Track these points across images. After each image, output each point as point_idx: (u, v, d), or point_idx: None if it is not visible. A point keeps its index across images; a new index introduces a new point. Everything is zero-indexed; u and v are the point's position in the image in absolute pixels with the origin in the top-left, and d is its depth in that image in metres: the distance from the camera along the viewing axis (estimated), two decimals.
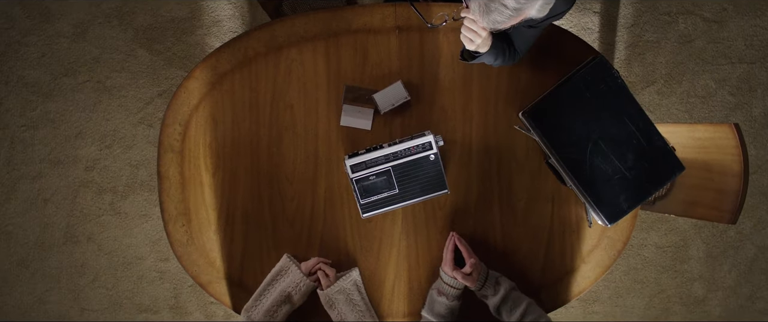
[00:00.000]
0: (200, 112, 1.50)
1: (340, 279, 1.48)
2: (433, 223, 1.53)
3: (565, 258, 1.55)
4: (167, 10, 2.20)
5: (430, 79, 1.50)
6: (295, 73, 1.50)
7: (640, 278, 2.41)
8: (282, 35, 1.49)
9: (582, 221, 1.54)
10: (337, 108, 1.50)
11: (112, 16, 2.19)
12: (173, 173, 1.50)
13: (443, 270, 1.45)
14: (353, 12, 1.48)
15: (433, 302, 1.46)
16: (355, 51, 1.49)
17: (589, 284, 1.56)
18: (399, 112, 1.50)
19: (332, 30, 1.49)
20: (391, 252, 1.53)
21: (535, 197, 1.53)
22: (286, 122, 1.50)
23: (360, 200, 1.43)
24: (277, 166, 1.51)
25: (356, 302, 1.49)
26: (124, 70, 2.22)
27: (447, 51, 1.49)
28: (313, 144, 1.51)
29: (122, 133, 2.25)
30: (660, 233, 2.39)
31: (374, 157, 1.40)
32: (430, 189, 1.44)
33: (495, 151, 1.52)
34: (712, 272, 2.43)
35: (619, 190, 1.43)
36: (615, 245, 1.55)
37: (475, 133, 1.51)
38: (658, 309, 2.44)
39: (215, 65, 1.49)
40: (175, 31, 2.21)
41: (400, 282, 1.54)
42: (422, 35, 1.49)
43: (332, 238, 1.53)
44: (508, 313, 1.40)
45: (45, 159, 2.25)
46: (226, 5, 2.21)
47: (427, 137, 1.40)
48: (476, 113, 1.51)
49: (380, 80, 1.50)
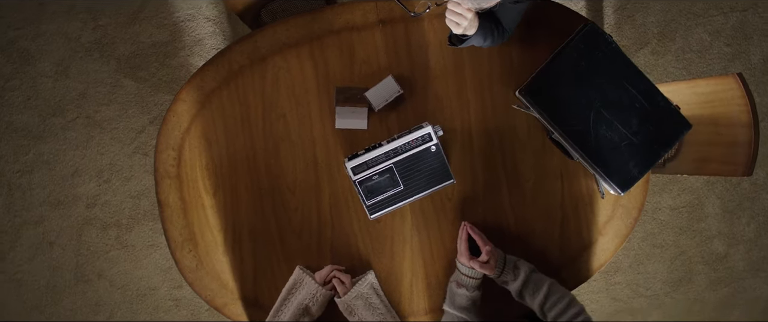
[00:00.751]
0: (192, 134, 1.47)
1: (356, 284, 1.45)
2: (443, 215, 1.50)
3: (582, 233, 1.51)
4: (147, 36, 2.17)
5: (420, 69, 1.47)
6: (283, 82, 1.46)
7: (658, 242, 2.38)
8: (264, 45, 1.45)
9: (594, 194, 1.50)
10: (330, 111, 1.47)
11: (92, 50, 2.16)
12: (173, 199, 1.47)
13: (460, 261, 1.42)
14: (333, 12, 1.45)
15: (454, 295, 1.43)
16: (340, 51, 1.46)
17: (609, 256, 1.53)
18: (393, 107, 1.47)
19: (315, 33, 1.45)
20: (405, 250, 1.50)
21: (543, 175, 1.49)
22: (280, 133, 1.47)
23: (366, 201, 1.40)
24: (277, 178, 1.48)
25: (376, 305, 1.46)
26: (112, 102, 2.19)
27: (434, 39, 1.46)
28: (311, 151, 1.48)
29: (119, 165, 2.22)
30: (673, 194, 2.35)
31: (374, 157, 1.37)
32: (435, 181, 1.40)
33: (496, 134, 1.48)
34: (730, 227, 2.39)
35: (627, 156, 1.39)
36: (630, 213, 1.51)
37: (473, 118, 1.48)
38: (680, 271, 2.40)
39: (201, 84, 1.46)
40: (157, 56, 2.18)
41: (417, 279, 1.51)
42: (407, 26, 1.45)
43: (343, 244, 1.50)
44: (531, 297, 1.37)
45: (45, 202, 2.22)
46: (206, 23, 2.18)
47: (426, 129, 1.37)
48: (472, 98, 1.47)
49: (370, 77, 1.46)
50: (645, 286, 2.40)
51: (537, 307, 1.36)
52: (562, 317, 1.33)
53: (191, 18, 2.16)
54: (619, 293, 2.40)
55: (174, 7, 2.15)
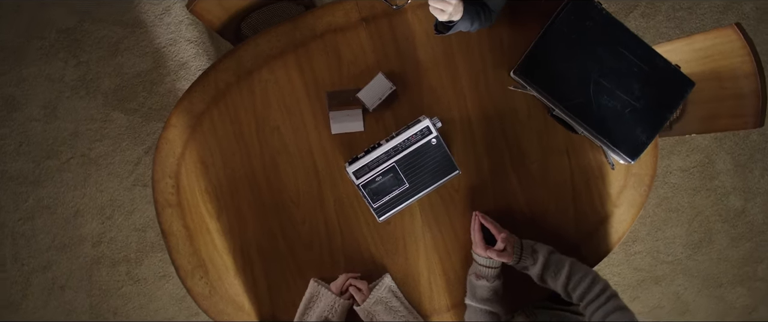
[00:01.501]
0: (187, 160, 1.43)
1: (374, 290, 1.41)
2: (452, 208, 1.46)
3: (596, 207, 1.47)
4: (130, 67, 2.13)
5: (410, 62, 1.43)
6: (273, 94, 1.43)
7: (673, 206, 2.34)
8: (248, 59, 1.42)
9: (603, 166, 1.46)
10: (324, 118, 1.43)
11: (77, 87, 2.13)
12: (177, 227, 1.44)
13: (476, 253, 1.38)
14: (314, 16, 1.41)
15: (474, 287, 1.39)
16: (326, 55, 1.42)
17: (627, 226, 1.49)
18: (388, 104, 1.43)
19: (298, 40, 1.42)
20: (418, 248, 1.46)
21: (549, 154, 1.46)
22: (276, 146, 1.44)
23: (372, 204, 1.36)
24: (279, 192, 1.44)
25: (396, 308, 1.43)
26: (105, 138, 2.16)
27: (420, 29, 1.42)
28: (310, 160, 1.44)
29: (119, 200, 2.19)
30: (681, 155, 2.31)
31: (375, 157, 1.33)
32: (440, 174, 1.37)
33: (496, 118, 1.45)
34: (744, 181, 2.34)
35: (633, 123, 1.35)
36: (643, 180, 1.48)
37: (470, 105, 1.44)
38: (700, 232, 2.36)
39: (189, 108, 1.42)
40: (144, 85, 2.15)
41: (435, 276, 1.47)
42: (391, 20, 1.42)
43: (354, 250, 1.46)
44: (553, 279, 1.33)
45: (50, 246, 2.20)
46: (188, 46, 2.14)
47: (424, 122, 1.33)
48: (467, 85, 1.44)
49: (360, 78, 1.43)
50: (666, 252, 2.36)
51: (560, 288, 1.33)
52: (588, 295, 1.29)
53: (172, 42, 2.13)
54: (640, 262, 2.36)
55: (154, 34, 2.12)
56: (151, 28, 2.12)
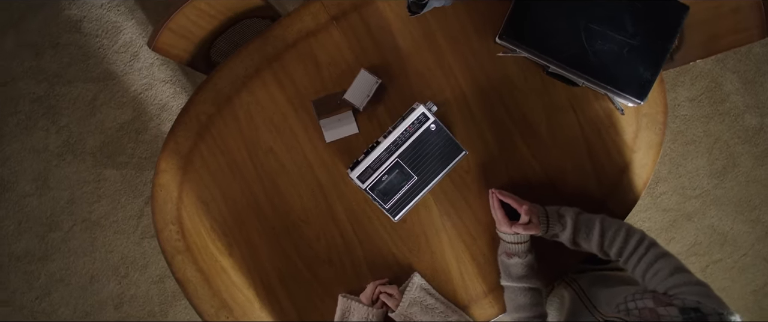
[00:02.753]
0: (186, 202, 1.38)
1: (405, 292, 1.35)
2: (467, 190, 1.39)
3: (613, 157, 1.40)
4: (112, 121, 2.08)
5: (391, 52, 1.36)
6: (258, 115, 1.37)
7: (689, 138, 2.26)
8: (225, 85, 1.36)
9: (612, 113, 1.39)
10: (315, 128, 1.37)
11: (64, 153, 2.08)
12: (191, 273, 1.38)
13: (501, 231, 1.32)
14: (282, 26, 1.35)
15: (507, 267, 1.33)
16: (303, 63, 1.36)
17: (650, 170, 1.42)
18: (378, 100, 1.37)
19: (271, 54, 1.36)
20: (441, 240, 1.40)
21: (554, 113, 1.39)
22: (273, 168, 1.38)
23: (384, 205, 1.30)
24: (287, 214, 1.38)
25: (433, 306, 1.36)
26: (102, 198, 2.11)
27: (393, 16, 1.35)
28: (311, 175, 1.38)
29: (131, 256, 2.14)
30: (686, 86, 2.23)
31: (377, 157, 1.27)
32: (447, 159, 1.30)
33: (491, 89, 1.38)
34: (756, 97, 2.26)
35: (634, 62, 1.28)
36: (656, 118, 1.40)
37: (463, 82, 1.37)
38: (722, 159, 2.28)
39: (176, 149, 1.37)
40: (129, 137, 2.09)
41: (464, 265, 1.41)
42: (361, 13, 1.35)
43: (376, 256, 1.40)
44: (586, 240, 1.27)
45: (72, 318, 2.15)
46: (164, 86, 2.09)
47: (419, 109, 1.27)
48: (454, 62, 1.37)
49: (343, 79, 1.37)
50: (691, 186, 2.28)
51: (595, 248, 1.26)
52: (626, 250, 1.23)
53: (148, 87, 2.07)
54: (667, 203, 2.29)
55: (127, 82, 2.06)
56: (124, 77, 2.07)
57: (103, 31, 2.04)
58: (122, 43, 2.04)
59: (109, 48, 2.04)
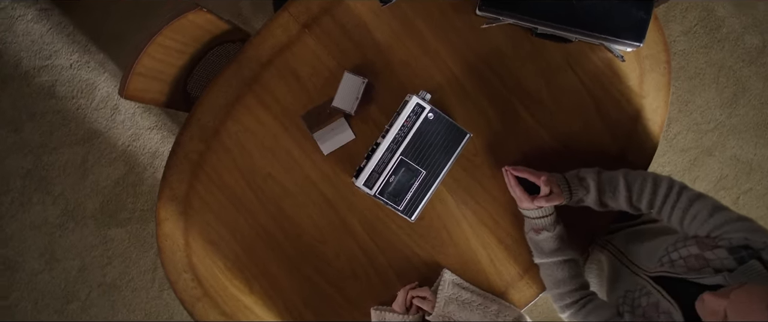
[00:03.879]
0: (194, 247, 1.32)
1: (438, 292, 1.29)
2: (479, 173, 1.33)
3: (623, 107, 1.33)
4: (105, 179, 2.03)
5: (371, 48, 1.30)
6: (249, 142, 1.31)
7: (692, 72, 2.18)
8: (209, 118, 1.30)
9: (612, 62, 1.32)
10: (310, 143, 1.31)
11: (65, 223, 2.03)
12: (215, 317, 1.32)
13: (523, 208, 1.25)
14: (254, 46, 1.29)
15: (538, 243, 1.26)
16: (283, 79, 1.30)
17: (663, 113, 1.35)
18: (368, 100, 1.30)
19: (248, 77, 1.30)
20: (463, 230, 1.33)
21: (552, 76, 1.32)
22: (276, 193, 1.31)
23: (397, 207, 1.23)
24: (299, 237, 1.32)
25: (469, 300, 1.30)
26: (113, 259, 2.06)
27: (365, 10, 1.29)
28: (316, 192, 1.32)
29: (154, 311, 2.08)
30: (678, 19, 2.15)
31: (379, 159, 1.21)
32: (452, 146, 1.24)
33: (482, 64, 1.31)
34: (752, 17, 2.18)
35: (625, 5, 1.21)
36: (658, 58, 1.33)
37: (451, 63, 1.31)
38: (730, 86, 2.19)
39: (172, 195, 1.31)
40: (127, 192, 2.04)
41: (492, 250, 1.34)
42: (332, 15, 1.29)
43: (401, 261, 1.33)
44: (613, 199, 1.20)
45: None
46: (151, 134, 2.03)
47: (412, 101, 1.20)
48: (438, 45, 1.30)
49: (327, 86, 1.30)
50: (705, 121, 2.20)
51: (625, 205, 1.20)
52: (657, 200, 1.16)
53: (135, 137, 2.02)
54: (684, 142, 2.21)
55: (113, 137, 2.01)
56: (109, 133, 2.01)
57: (78, 91, 1.99)
58: (99, 98, 1.99)
59: (88, 107, 1.99)
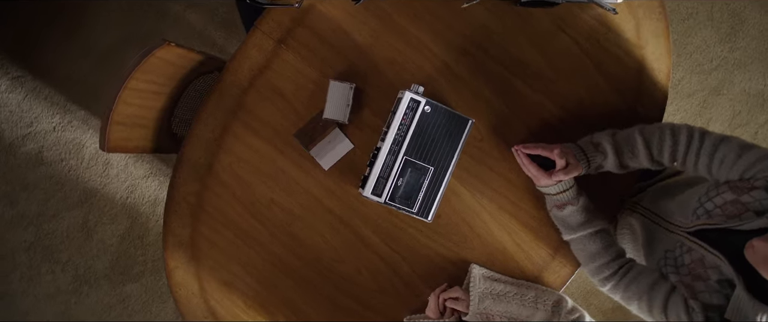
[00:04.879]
0: (210, 290, 1.26)
1: (470, 289, 1.22)
2: (489, 158, 1.26)
3: (624, 61, 1.27)
4: (111, 237, 1.97)
5: (352, 51, 1.24)
6: (245, 172, 1.25)
7: (683, 14, 2.11)
8: (199, 156, 1.24)
9: (604, 17, 1.26)
10: (309, 161, 1.25)
11: (78, 288, 1.98)
12: None
13: (542, 186, 1.19)
14: (231, 72, 1.23)
15: (564, 219, 1.19)
16: (268, 100, 1.24)
17: (667, 60, 1.28)
18: (359, 105, 1.24)
19: (231, 105, 1.24)
20: (484, 220, 1.27)
21: (544, 43, 1.25)
22: (282, 219, 1.25)
23: (410, 210, 1.17)
24: (317, 260, 1.26)
25: (504, 291, 1.23)
26: (133, 315, 2.00)
27: (338, 13, 1.23)
28: (324, 210, 1.25)
29: None
30: None
31: (383, 164, 1.14)
32: (456, 136, 1.17)
33: (470, 45, 1.25)
34: None
35: None
36: (651, 4, 1.27)
37: (438, 50, 1.24)
38: (726, 21, 2.11)
39: (177, 241, 1.25)
40: (135, 246, 1.98)
41: (517, 235, 1.28)
42: (305, 24, 1.23)
43: (425, 265, 1.27)
44: (632, 159, 1.14)
45: None
46: (146, 182, 1.98)
47: (405, 97, 1.14)
48: (421, 34, 1.24)
49: (315, 99, 1.24)
50: (707, 60, 2.13)
51: (646, 162, 1.13)
52: (679, 150, 1.10)
53: (132, 189, 1.96)
54: (689, 86, 2.14)
55: (110, 193, 1.96)
56: (105, 190, 1.96)
57: (66, 153, 1.93)
58: (89, 156, 1.94)
59: (79, 167, 1.94)
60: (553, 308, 1.20)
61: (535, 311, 1.20)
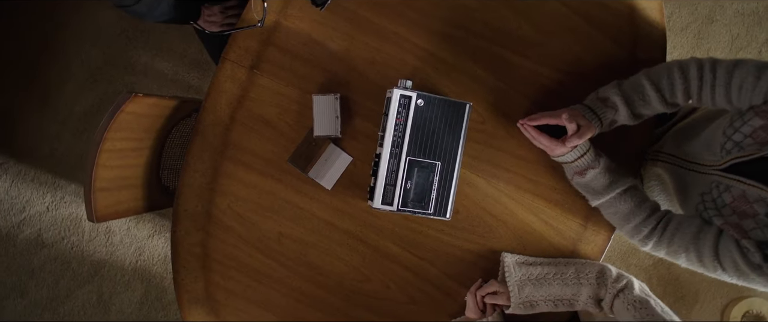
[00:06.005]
0: None
1: (507, 279, 1.15)
2: (495, 139, 1.19)
3: (613, 7, 1.19)
4: (129, 304, 1.91)
5: (329, 61, 1.17)
6: (246, 211, 1.18)
7: None
8: (195, 204, 1.17)
9: None
10: (309, 184, 1.18)
11: None
12: None
13: (557, 156, 1.11)
14: (209, 110, 1.16)
15: (587, 185, 1.12)
16: (254, 131, 1.17)
17: (658, 5, 1.21)
18: (349, 115, 1.17)
19: (217, 144, 1.17)
20: (505, 204, 1.19)
21: (527, 8, 1.18)
22: (295, 250, 1.18)
23: (426, 211, 1.10)
24: (340, 284, 1.19)
25: (543, 274, 1.15)
26: None
27: (306, 24, 1.16)
28: (335, 232, 1.18)
29: None
30: None
31: (387, 170, 1.07)
32: (456, 124, 1.10)
33: (450, 28, 1.17)
34: None
35: None
36: None
37: (418, 40, 1.17)
38: None
39: (192, 297, 1.18)
40: (154, 307, 1.91)
41: (544, 213, 1.20)
42: (274, 44, 1.16)
43: (455, 265, 1.20)
44: (645, 106, 1.06)
45: None
46: (153, 241, 1.91)
47: (395, 95, 1.07)
48: (396, 27, 1.17)
49: (302, 119, 1.17)
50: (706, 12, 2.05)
51: (660, 106, 1.06)
52: (691, 86, 1.02)
53: (139, 251, 1.90)
54: (680, 20, 2.06)
55: (118, 261, 1.89)
56: (113, 258, 1.89)
57: (66, 230, 1.87)
58: (89, 229, 1.88)
59: (81, 241, 1.87)
60: (597, 279, 1.12)
61: (579, 288, 1.13)
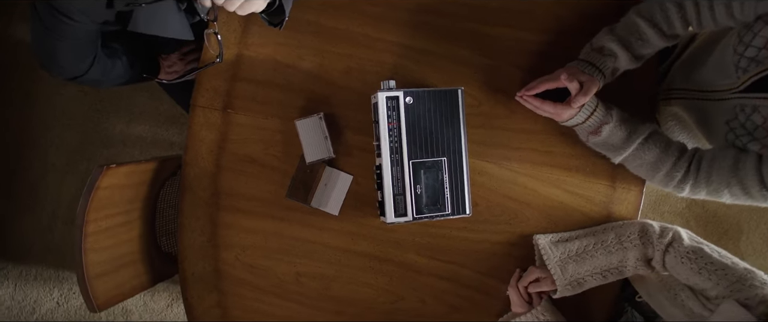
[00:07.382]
0: None
1: (546, 262, 1.06)
2: (497, 119, 1.11)
3: None
4: None
5: (303, 81, 1.09)
6: (255, 259, 1.10)
7: None
8: (201, 265, 1.09)
9: None
10: (315, 214, 1.10)
11: None
12: None
13: (565, 120, 1.03)
14: (191, 163, 1.08)
15: (604, 142, 1.04)
16: (242, 174, 1.09)
17: None
18: (338, 131, 1.09)
19: (207, 196, 1.09)
20: (524, 184, 1.11)
21: None
22: (316, 288, 1.10)
23: (444, 213, 1.02)
24: (371, 309, 1.11)
25: (581, 248, 1.07)
26: None
27: (269, 49, 1.08)
28: (355, 258, 1.10)
29: None
30: None
31: (392, 179, 0.99)
32: (452, 113, 1.02)
33: (421, 16, 1.10)
34: None
35: None
36: None
37: (390, 37, 1.09)
38: None
39: None
40: None
41: (566, 184, 1.12)
42: (242, 77, 1.08)
43: (487, 261, 1.11)
44: (644, 46, 1.00)
45: None
46: (171, 309, 1.83)
47: (380, 99, 0.99)
48: (365, 29, 1.09)
49: (290, 149, 1.09)
50: None
51: (660, 42, 1.00)
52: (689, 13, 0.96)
53: None
54: None
55: None
56: None
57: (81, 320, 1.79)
58: (105, 315, 1.80)
59: None
60: (641, 239, 1.03)
61: (624, 253, 1.04)
